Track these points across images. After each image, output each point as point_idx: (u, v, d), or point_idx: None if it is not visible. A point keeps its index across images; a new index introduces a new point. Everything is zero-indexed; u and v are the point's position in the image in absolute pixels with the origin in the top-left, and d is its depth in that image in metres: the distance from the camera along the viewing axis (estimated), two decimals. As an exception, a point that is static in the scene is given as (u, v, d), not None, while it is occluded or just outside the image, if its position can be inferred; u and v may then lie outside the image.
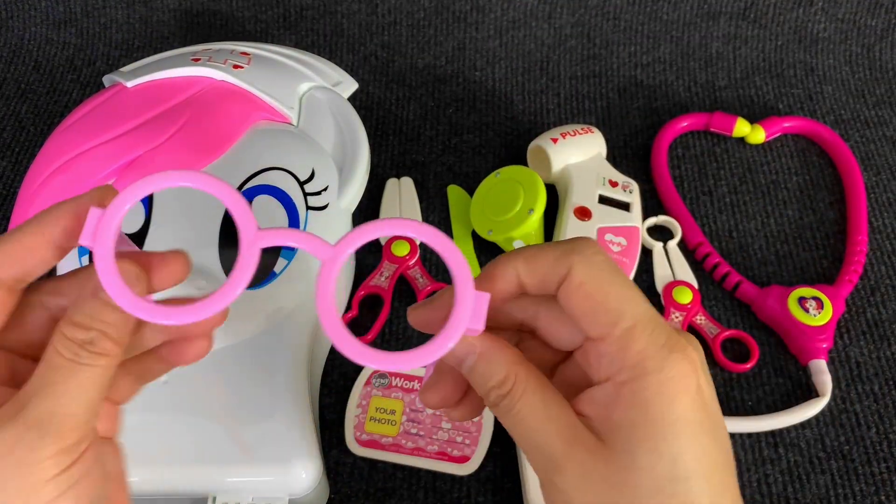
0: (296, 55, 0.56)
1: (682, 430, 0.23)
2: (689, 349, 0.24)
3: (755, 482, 0.44)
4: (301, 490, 0.39)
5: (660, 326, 0.24)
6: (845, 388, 0.48)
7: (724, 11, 0.67)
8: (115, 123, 0.47)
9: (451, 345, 0.23)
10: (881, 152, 0.60)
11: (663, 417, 0.23)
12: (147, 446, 0.38)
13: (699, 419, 0.23)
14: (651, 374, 0.23)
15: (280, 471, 0.38)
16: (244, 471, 0.38)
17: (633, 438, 0.23)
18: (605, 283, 0.24)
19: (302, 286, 0.44)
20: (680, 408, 0.23)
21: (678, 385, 0.23)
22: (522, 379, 0.24)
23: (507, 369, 0.24)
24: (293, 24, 0.68)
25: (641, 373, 0.23)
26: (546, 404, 0.24)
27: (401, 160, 0.59)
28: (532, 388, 0.24)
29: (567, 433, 0.24)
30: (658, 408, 0.23)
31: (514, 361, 0.24)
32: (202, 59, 0.50)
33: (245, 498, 0.38)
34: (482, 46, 0.67)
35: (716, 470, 0.23)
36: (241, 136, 0.47)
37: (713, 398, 0.24)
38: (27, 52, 0.66)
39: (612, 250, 0.50)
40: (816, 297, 0.50)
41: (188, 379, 0.40)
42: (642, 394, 0.23)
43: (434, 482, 0.44)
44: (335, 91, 0.54)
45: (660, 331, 0.23)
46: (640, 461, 0.23)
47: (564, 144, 0.55)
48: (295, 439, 0.39)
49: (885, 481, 0.44)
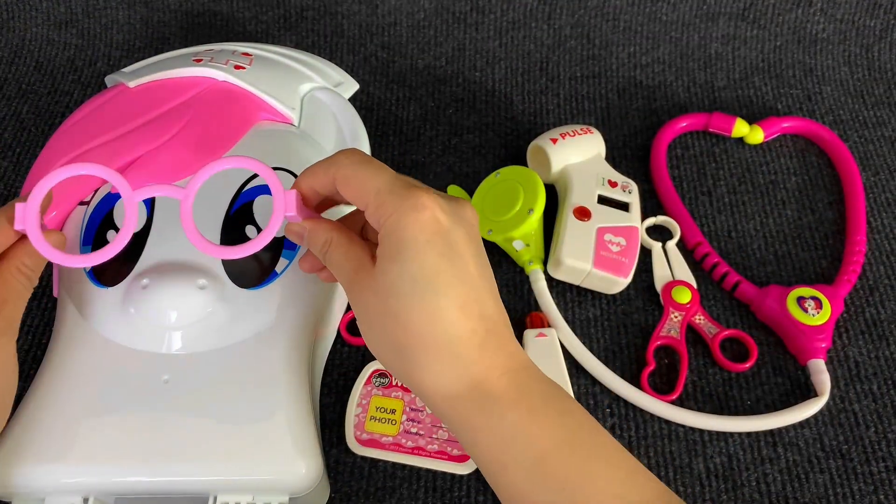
0: (297, 56, 0.56)
1: (410, 246, 0.33)
2: (421, 195, 0.33)
3: (754, 481, 0.45)
4: (302, 488, 0.39)
5: (398, 186, 0.34)
6: (844, 388, 0.48)
7: (723, 12, 0.68)
8: (117, 123, 0.47)
9: (276, 227, 0.35)
10: (880, 152, 0.61)
11: (398, 238, 0.33)
12: (148, 446, 0.38)
13: (428, 239, 0.33)
14: (391, 215, 0.33)
15: (281, 469, 0.38)
16: (245, 470, 0.38)
17: (383, 256, 0.34)
18: (357, 173, 0.35)
19: (303, 285, 0.44)
20: (410, 231, 0.33)
21: (409, 217, 0.33)
22: (335, 238, 0.36)
23: (326, 234, 0.36)
24: (294, 24, 0.68)
25: (386, 216, 0.33)
26: (346, 250, 0.36)
27: (401, 160, 0.59)
28: (338, 242, 0.36)
29: (356, 264, 0.35)
30: (396, 233, 0.33)
31: (329, 228, 0.36)
32: (204, 60, 0.50)
33: (246, 497, 0.38)
34: (482, 47, 0.67)
35: (452, 284, 0.33)
36: (242, 137, 0.48)
37: (457, 231, 0.34)
38: (28, 53, 0.66)
39: (612, 250, 0.51)
40: (815, 296, 0.50)
41: (189, 378, 0.40)
42: (387, 228, 0.33)
43: (434, 481, 0.44)
44: (336, 92, 0.54)
45: (398, 187, 0.33)
46: (385, 269, 0.33)
47: (564, 145, 0.55)
48: (295, 438, 0.39)
49: (884, 480, 0.45)
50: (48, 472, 0.37)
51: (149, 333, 0.41)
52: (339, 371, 0.48)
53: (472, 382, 0.33)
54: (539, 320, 0.50)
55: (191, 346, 0.41)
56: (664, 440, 0.46)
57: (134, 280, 0.41)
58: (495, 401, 0.33)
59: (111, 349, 0.41)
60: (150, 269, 0.41)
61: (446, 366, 0.33)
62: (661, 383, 0.48)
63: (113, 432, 0.38)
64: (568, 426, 0.33)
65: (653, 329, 0.50)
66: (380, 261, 0.34)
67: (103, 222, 0.44)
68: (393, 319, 0.33)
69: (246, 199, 0.44)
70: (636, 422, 0.47)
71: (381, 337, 0.35)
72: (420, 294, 0.33)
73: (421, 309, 0.33)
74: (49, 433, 0.38)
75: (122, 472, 0.38)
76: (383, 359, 0.35)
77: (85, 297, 0.42)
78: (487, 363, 0.33)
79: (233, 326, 0.41)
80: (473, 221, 0.36)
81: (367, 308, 0.35)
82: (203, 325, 0.41)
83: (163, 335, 0.41)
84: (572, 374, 0.48)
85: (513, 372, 0.34)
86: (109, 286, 0.42)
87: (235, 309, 0.42)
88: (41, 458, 0.38)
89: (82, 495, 0.38)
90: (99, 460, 0.38)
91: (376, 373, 0.47)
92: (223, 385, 0.40)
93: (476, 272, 0.34)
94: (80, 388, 0.40)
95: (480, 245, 0.35)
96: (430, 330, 0.33)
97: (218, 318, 0.41)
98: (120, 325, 0.41)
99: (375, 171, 0.34)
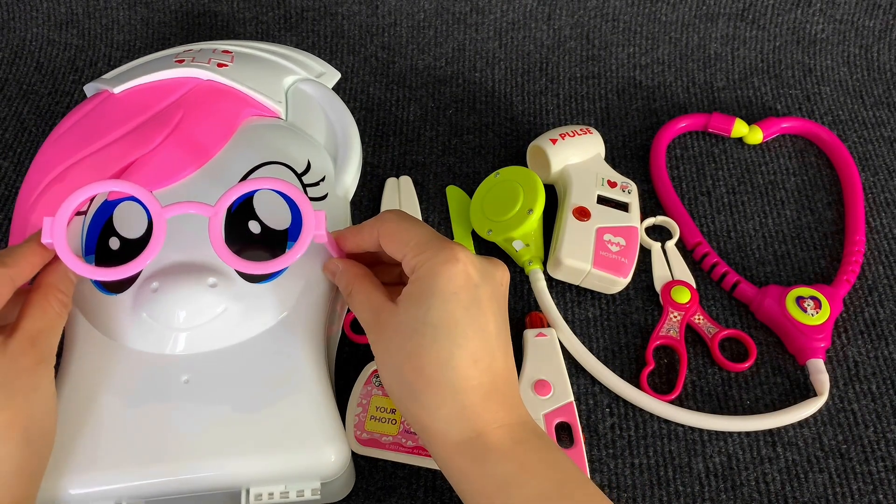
0: (276, 50, 0.56)
1: (437, 294, 0.35)
2: (456, 249, 0.36)
3: (753, 481, 0.45)
4: (332, 473, 0.39)
5: (433, 241, 0.37)
6: (843, 388, 0.48)
7: (723, 12, 0.68)
8: (107, 130, 0.47)
9: (306, 245, 0.38)
10: (879, 152, 0.61)
11: (429, 285, 0.35)
12: (175, 446, 0.38)
13: (455, 291, 0.35)
14: (426, 263, 0.36)
15: (310, 456, 0.38)
16: (275, 460, 0.38)
17: (409, 298, 0.36)
18: (397, 229, 0.38)
19: (311, 275, 0.44)
20: (441, 280, 0.35)
21: (443, 267, 0.35)
22: (358, 284, 0.39)
23: (349, 280, 0.40)
24: (294, 25, 0.68)
25: (421, 263, 0.36)
26: (368, 294, 0.39)
27: (401, 161, 0.59)
28: (360, 287, 0.39)
29: (377, 307, 0.38)
30: (427, 279, 0.35)
31: (356, 275, 0.40)
32: (186, 61, 0.50)
33: (278, 487, 0.38)
34: (482, 48, 0.67)
35: (469, 336, 0.35)
36: (234, 134, 0.48)
37: (485, 288, 0.36)
38: (29, 53, 0.66)
39: (611, 250, 0.51)
40: (814, 296, 0.50)
41: (209, 376, 0.40)
42: (419, 273, 0.36)
43: (434, 481, 0.44)
44: (320, 82, 0.54)
45: (433, 242, 0.36)
46: (410, 310, 0.36)
47: (563, 145, 0.55)
48: (322, 424, 0.39)
49: (883, 480, 0.45)
50: (79, 481, 0.38)
51: (163, 336, 0.41)
52: (340, 371, 0.48)
53: (474, 432, 0.35)
54: (539, 320, 0.50)
55: (206, 344, 0.41)
56: (664, 440, 0.46)
57: (143, 284, 0.41)
58: (490, 451, 0.35)
59: (126, 355, 0.41)
60: (158, 272, 0.41)
61: (452, 413, 0.35)
62: (660, 383, 0.49)
63: (139, 436, 0.39)
64: (558, 478, 0.35)
65: (652, 329, 0.50)
66: (405, 302, 0.36)
67: (104, 230, 0.44)
68: (408, 360, 0.35)
69: (245, 196, 0.45)
70: (636, 421, 0.47)
71: (395, 376, 0.37)
72: (439, 340, 0.35)
73: (437, 355, 0.35)
74: (75, 444, 0.38)
75: (152, 475, 0.38)
76: (395, 396, 0.37)
77: (94, 306, 0.43)
78: (489, 416, 0.35)
79: (246, 322, 0.42)
80: (503, 282, 0.38)
81: (386, 347, 0.37)
82: (217, 322, 0.41)
83: (177, 336, 0.41)
84: (572, 374, 0.48)
85: (510, 426, 0.36)
86: (117, 293, 0.42)
87: (247, 304, 0.42)
88: (70, 468, 0.38)
89: (114, 500, 0.38)
90: (128, 465, 0.38)
91: (376, 373, 0.47)
92: (243, 379, 0.40)
93: (493, 330, 0.36)
94: (102, 398, 0.40)
95: (504, 305, 0.38)
96: (442, 376, 0.35)
97: (231, 315, 0.41)
98: (133, 331, 0.41)
99: (416, 226, 0.38)
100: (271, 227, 0.44)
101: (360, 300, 0.39)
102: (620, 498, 0.44)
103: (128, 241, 0.44)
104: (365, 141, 0.60)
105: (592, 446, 0.46)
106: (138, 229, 0.44)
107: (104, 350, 0.41)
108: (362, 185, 0.54)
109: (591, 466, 0.45)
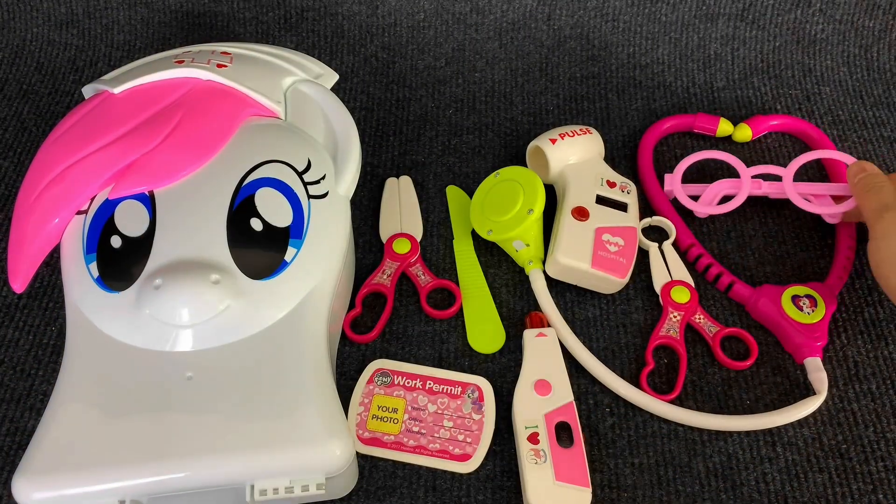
0: (275, 51, 0.56)
1: None
2: None
3: (753, 480, 0.45)
4: (337, 467, 0.39)
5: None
6: (843, 387, 0.48)
7: (723, 13, 0.68)
8: (107, 130, 0.47)
9: None
10: (878, 152, 0.61)
11: None
12: (180, 443, 0.38)
13: None
14: None
15: (314, 451, 0.39)
16: (279, 455, 0.38)
17: None
18: None
19: (313, 272, 0.44)
20: None
21: None
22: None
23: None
24: (294, 25, 0.68)
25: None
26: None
27: (401, 161, 0.60)
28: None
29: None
30: None
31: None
32: (185, 61, 0.50)
33: (283, 482, 0.38)
34: (482, 48, 0.67)
35: None
36: (234, 134, 0.48)
37: None
38: (29, 53, 0.66)
39: (610, 250, 0.51)
40: (809, 294, 0.50)
41: (212, 373, 0.40)
42: None
43: (434, 480, 0.44)
44: (318, 83, 0.54)
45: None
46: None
47: (563, 145, 0.55)
48: (326, 419, 0.39)
49: (883, 480, 0.45)
50: (83, 478, 0.38)
51: (166, 333, 0.41)
52: (341, 370, 0.48)
53: None
54: (539, 320, 0.50)
55: (210, 341, 0.41)
56: (664, 439, 0.46)
57: (146, 281, 0.41)
58: None
59: (129, 353, 0.41)
60: (161, 270, 0.42)
61: None
62: (660, 383, 0.49)
63: (143, 433, 0.39)
64: None
65: (652, 329, 0.50)
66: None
67: (105, 228, 0.44)
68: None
69: (247, 194, 0.45)
70: (636, 421, 0.47)
71: None
72: None
73: None
74: (80, 441, 0.38)
75: (156, 471, 0.38)
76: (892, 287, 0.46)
77: (96, 304, 0.43)
78: None
79: (250, 318, 0.42)
80: None
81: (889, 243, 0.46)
82: (220, 319, 0.41)
83: (180, 333, 0.41)
84: (572, 374, 0.48)
85: None
86: (119, 291, 0.42)
87: (251, 300, 0.42)
88: (75, 465, 0.38)
89: (118, 497, 0.38)
90: (132, 462, 0.38)
91: (378, 372, 0.47)
92: (248, 375, 0.40)
93: None
94: (105, 395, 0.40)
95: None
96: None
97: (234, 312, 0.41)
98: (136, 328, 0.41)
99: None
100: (273, 224, 0.44)
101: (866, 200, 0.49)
102: (620, 498, 0.44)
103: (130, 238, 0.44)
104: (365, 141, 0.60)
105: (592, 446, 0.46)
106: (140, 227, 0.44)
107: (106, 348, 0.41)
108: (362, 184, 0.54)
109: (592, 466, 0.45)
